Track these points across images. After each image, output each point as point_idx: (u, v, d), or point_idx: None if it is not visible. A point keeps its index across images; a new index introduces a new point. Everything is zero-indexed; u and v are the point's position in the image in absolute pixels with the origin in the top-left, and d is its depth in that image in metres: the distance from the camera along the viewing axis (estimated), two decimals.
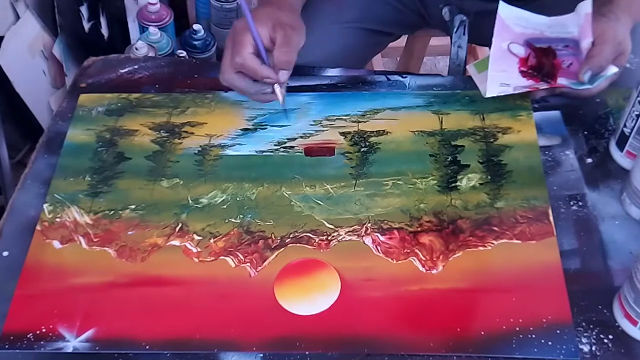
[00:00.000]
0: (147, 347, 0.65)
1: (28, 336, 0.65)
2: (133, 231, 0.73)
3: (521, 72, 0.82)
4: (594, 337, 0.64)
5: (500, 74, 0.81)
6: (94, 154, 0.81)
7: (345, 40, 1.00)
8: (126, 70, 0.91)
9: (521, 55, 0.82)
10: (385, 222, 0.73)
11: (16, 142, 1.31)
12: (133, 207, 0.76)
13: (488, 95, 0.80)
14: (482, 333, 0.64)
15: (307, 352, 0.64)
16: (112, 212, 0.75)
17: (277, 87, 0.78)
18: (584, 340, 0.64)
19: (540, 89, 0.81)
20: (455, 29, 0.94)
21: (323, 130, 0.82)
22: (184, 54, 1.35)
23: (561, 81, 0.80)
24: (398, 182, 0.76)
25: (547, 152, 0.78)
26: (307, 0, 0.90)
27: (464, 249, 0.70)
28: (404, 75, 0.88)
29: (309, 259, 0.70)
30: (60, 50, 1.30)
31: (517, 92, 0.80)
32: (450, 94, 0.85)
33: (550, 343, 0.63)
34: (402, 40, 1.28)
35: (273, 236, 0.72)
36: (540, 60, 0.82)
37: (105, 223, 0.74)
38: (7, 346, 0.65)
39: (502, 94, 0.80)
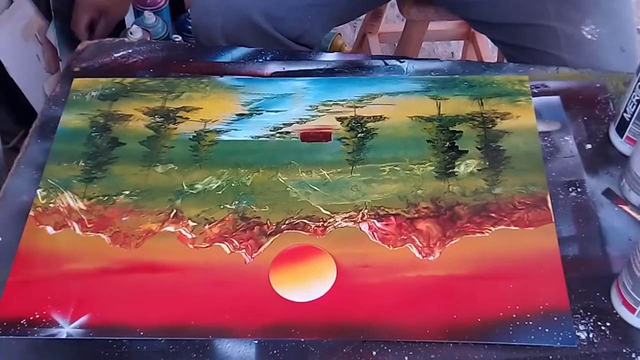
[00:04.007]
0: (142, 333, 0.64)
1: (21, 322, 0.65)
2: (127, 217, 0.73)
3: None
4: (592, 324, 0.64)
5: None
6: (87, 139, 0.80)
7: None
8: (120, 54, 0.89)
9: None
10: (382, 208, 0.72)
11: (10, 127, 1.30)
12: (127, 192, 0.75)
13: None
14: (479, 320, 0.64)
15: (302, 339, 0.63)
16: (106, 197, 0.74)
17: None
18: (581, 327, 0.63)
19: None
20: None
21: (319, 116, 0.81)
22: (180, 38, 1.34)
23: None
24: (395, 168, 0.76)
25: (546, 138, 0.78)
26: None
27: (461, 235, 0.70)
28: (402, 60, 0.87)
29: (305, 245, 0.70)
30: (55, 34, 1.28)
31: None
32: (448, 79, 0.84)
33: (547, 330, 0.63)
34: (400, 25, 1.27)
35: (268, 222, 0.72)
36: None
37: (100, 209, 0.74)
38: (0, 332, 0.64)
39: None
